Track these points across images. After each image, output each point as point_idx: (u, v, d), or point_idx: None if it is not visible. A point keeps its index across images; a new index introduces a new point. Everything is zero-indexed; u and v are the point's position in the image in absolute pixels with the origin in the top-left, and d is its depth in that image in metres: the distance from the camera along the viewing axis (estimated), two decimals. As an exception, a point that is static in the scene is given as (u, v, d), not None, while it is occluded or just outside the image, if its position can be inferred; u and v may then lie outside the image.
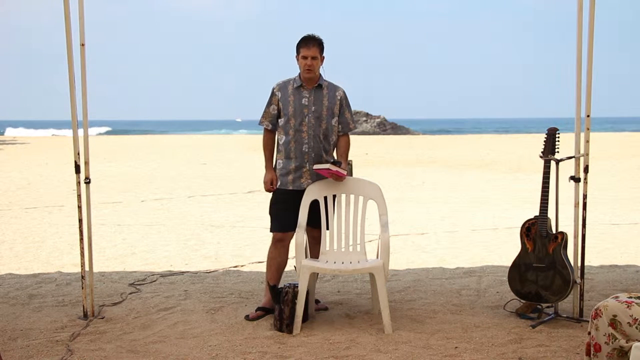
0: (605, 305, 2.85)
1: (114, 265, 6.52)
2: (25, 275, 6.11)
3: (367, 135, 41.40)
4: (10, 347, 4.10)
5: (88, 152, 4.67)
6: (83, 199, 4.66)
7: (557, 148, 4.58)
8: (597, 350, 2.83)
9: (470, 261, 6.64)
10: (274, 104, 4.76)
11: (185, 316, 4.74)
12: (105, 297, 5.23)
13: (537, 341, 4.13)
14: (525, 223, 4.60)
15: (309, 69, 4.64)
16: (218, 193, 12.84)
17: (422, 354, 3.94)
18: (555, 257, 4.49)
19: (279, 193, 4.76)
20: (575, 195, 4.53)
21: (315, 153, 4.71)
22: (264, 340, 4.22)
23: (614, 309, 2.84)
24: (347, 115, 4.83)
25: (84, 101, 4.66)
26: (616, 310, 2.84)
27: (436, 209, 10.60)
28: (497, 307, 4.86)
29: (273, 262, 4.78)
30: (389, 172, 17.24)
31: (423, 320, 4.58)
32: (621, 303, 2.85)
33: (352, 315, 4.75)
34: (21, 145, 33.53)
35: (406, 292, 5.35)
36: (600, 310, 2.85)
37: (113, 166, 19.40)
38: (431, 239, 8.05)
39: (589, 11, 4.35)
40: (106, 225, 9.06)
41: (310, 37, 4.68)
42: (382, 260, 4.48)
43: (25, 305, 5.05)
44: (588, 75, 4.42)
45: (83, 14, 4.55)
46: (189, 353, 4.01)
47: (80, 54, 4.59)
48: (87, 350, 4.04)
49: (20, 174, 17.12)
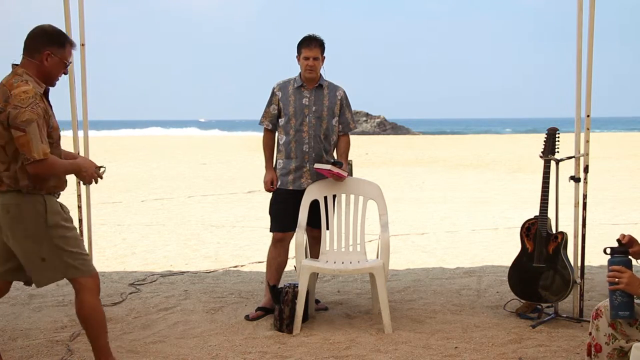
0: (606, 306, 2.85)
1: (114, 265, 6.51)
2: (25, 275, 6.10)
3: (367, 135, 41.40)
4: (10, 347, 4.10)
5: (88, 152, 4.67)
6: (83, 199, 4.66)
7: (557, 148, 4.57)
8: (598, 350, 2.83)
9: (470, 261, 6.64)
10: (274, 104, 4.77)
11: (185, 316, 4.74)
12: (105, 297, 5.23)
13: (537, 341, 4.13)
14: (525, 223, 4.60)
15: (310, 69, 4.64)
16: (218, 193, 12.84)
17: (422, 354, 3.94)
18: (555, 257, 4.49)
19: (279, 193, 4.76)
20: (575, 195, 4.53)
21: (316, 153, 4.71)
22: (264, 340, 4.22)
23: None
24: (347, 115, 4.83)
25: (84, 101, 4.66)
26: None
27: (436, 209, 10.61)
28: (497, 307, 4.86)
29: (273, 262, 4.78)
30: (389, 172, 17.24)
31: (423, 320, 4.58)
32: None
33: (352, 315, 4.75)
34: (21, 145, 33.49)
35: (406, 292, 5.35)
36: (601, 311, 2.85)
37: (113, 166, 19.39)
38: (431, 239, 8.06)
39: (589, 11, 4.35)
40: (106, 225, 9.06)
41: (311, 37, 4.68)
42: (382, 260, 4.48)
43: (25, 305, 5.05)
44: (588, 75, 4.42)
45: (83, 14, 4.55)
46: (189, 353, 4.01)
47: (80, 54, 4.59)
48: (87, 350, 4.03)
49: (20, 174, 17.10)
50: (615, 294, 2.73)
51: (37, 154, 3.17)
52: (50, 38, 3.36)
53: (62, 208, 3.45)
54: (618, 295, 2.72)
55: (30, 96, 3.19)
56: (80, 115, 4.65)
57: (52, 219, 3.35)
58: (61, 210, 3.43)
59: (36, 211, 3.31)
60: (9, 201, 3.30)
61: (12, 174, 3.28)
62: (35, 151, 3.17)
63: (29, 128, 3.16)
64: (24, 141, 3.16)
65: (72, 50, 3.46)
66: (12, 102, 3.18)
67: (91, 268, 3.50)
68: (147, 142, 34.96)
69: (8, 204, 3.31)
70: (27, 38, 3.37)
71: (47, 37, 3.36)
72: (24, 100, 3.17)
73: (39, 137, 3.18)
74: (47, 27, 3.40)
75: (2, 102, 3.22)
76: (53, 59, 3.35)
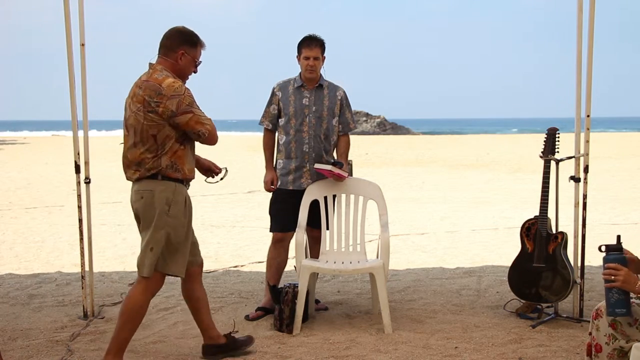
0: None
1: (114, 265, 6.52)
2: (25, 275, 6.11)
3: (367, 135, 41.40)
4: (10, 347, 4.09)
5: (88, 152, 4.67)
6: (83, 199, 4.66)
7: (557, 148, 4.57)
8: (598, 350, 2.83)
9: (470, 261, 6.64)
10: (274, 104, 4.76)
11: (185, 316, 4.74)
12: (105, 297, 5.23)
13: (537, 341, 4.13)
14: (525, 223, 4.60)
15: (311, 69, 4.64)
16: (218, 193, 12.82)
17: (422, 354, 3.94)
18: (555, 257, 4.49)
19: (279, 193, 4.76)
20: (575, 195, 4.53)
21: (316, 153, 4.71)
22: (264, 340, 4.21)
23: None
24: (347, 115, 4.83)
25: (84, 101, 4.66)
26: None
27: (436, 209, 10.61)
28: (497, 307, 4.86)
29: (273, 262, 4.78)
30: (389, 172, 17.25)
31: (423, 320, 4.57)
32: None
33: (352, 315, 4.75)
34: (21, 145, 33.54)
35: (406, 292, 5.35)
36: (601, 311, 2.85)
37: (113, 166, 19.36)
38: (431, 239, 8.06)
39: (589, 11, 4.35)
40: (106, 225, 9.06)
41: (312, 37, 4.68)
42: (382, 260, 4.48)
43: (25, 305, 5.05)
44: (588, 75, 4.42)
45: (83, 14, 4.55)
46: (189, 353, 4.01)
47: (80, 54, 4.59)
48: (87, 350, 4.04)
49: (20, 174, 17.14)
50: (611, 291, 2.72)
51: (209, 126, 3.56)
52: (184, 38, 3.65)
53: (186, 204, 3.65)
54: (614, 293, 2.72)
55: (179, 85, 3.53)
56: (80, 115, 4.65)
57: (175, 209, 3.57)
58: (184, 207, 3.63)
59: (165, 197, 3.54)
60: (144, 187, 3.56)
61: (158, 158, 3.53)
62: (207, 124, 3.56)
63: (193, 108, 3.52)
64: (195, 120, 3.52)
65: (202, 51, 3.73)
66: (167, 93, 3.47)
67: (182, 271, 3.66)
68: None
69: (142, 190, 3.57)
70: (163, 38, 3.65)
71: (182, 37, 3.65)
72: (178, 89, 3.49)
73: (201, 113, 3.56)
74: (182, 28, 3.69)
75: (155, 96, 3.47)
76: (186, 57, 3.64)
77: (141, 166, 3.55)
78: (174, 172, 3.57)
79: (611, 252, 2.79)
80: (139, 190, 3.58)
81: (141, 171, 3.55)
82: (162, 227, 3.53)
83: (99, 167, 17.72)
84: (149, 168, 3.53)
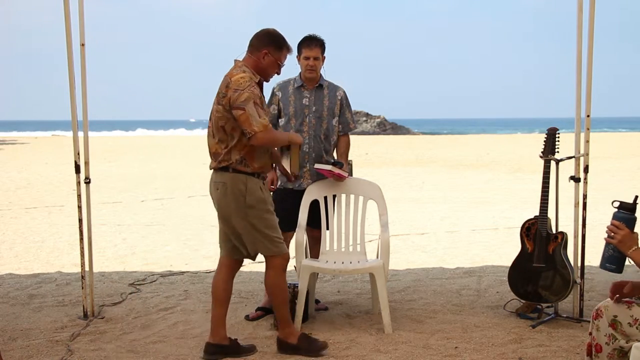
0: (606, 306, 2.86)
1: (114, 265, 6.51)
2: (25, 275, 6.11)
3: (367, 135, 41.40)
4: (10, 347, 4.09)
5: (88, 152, 4.67)
6: (83, 199, 4.66)
7: (557, 148, 4.57)
8: (598, 350, 2.83)
9: (470, 261, 6.64)
10: (274, 104, 4.76)
11: (185, 316, 4.74)
12: (105, 297, 5.23)
13: (537, 341, 4.13)
14: (525, 223, 4.60)
15: (311, 70, 4.64)
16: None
17: (422, 354, 3.94)
18: (555, 257, 4.49)
19: (279, 193, 4.76)
20: (575, 195, 4.53)
21: (316, 153, 4.71)
22: (264, 340, 4.21)
23: (614, 309, 2.85)
24: (347, 115, 4.83)
25: (84, 101, 4.65)
26: (616, 311, 2.84)
27: (436, 209, 10.61)
28: (497, 307, 4.86)
29: (273, 262, 4.77)
30: (389, 172, 17.24)
31: (423, 320, 4.57)
32: (621, 303, 2.85)
33: (352, 315, 4.75)
34: (21, 145, 33.54)
35: (406, 292, 5.35)
36: (601, 311, 2.85)
37: (113, 166, 19.41)
38: (431, 239, 8.05)
39: (589, 11, 4.35)
40: (106, 225, 9.06)
41: (312, 37, 4.67)
42: (382, 260, 4.48)
43: (25, 305, 5.05)
44: (588, 75, 4.41)
45: (83, 14, 4.55)
46: (189, 353, 4.01)
47: (80, 54, 4.59)
48: (87, 350, 4.04)
49: (20, 174, 17.13)
50: (608, 246, 2.80)
51: (257, 127, 3.64)
52: (271, 40, 3.85)
53: (262, 191, 3.86)
54: (610, 249, 2.79)
55: (246, 80, 3.69)
56: (80, 115, 4.64)
57: (251, 199, 3.79)
58: (261, 193, 3.85)
59: (238, 189, 3.77)
60: (219, 179, 3.83)
61: (229, 151, 3.76)
62: (255, 125, 3.64)
63: (247, 106, 3.64)
64: (244, 118, 3.65)
65: (288, 55, 3.93)
66: (232, 86, 3.68)
67: (282, 249, 3.96)
68: (148, 142, 34.97)
69: (218, 181, 3.84)
70: (253, 37, 3.87)
71: (269, 39, 3.86)
72: (242, 84, 3.67)
73: (256, 113, 3.66)
74: (271, 30, 3.90)
75: (224, 88, 3.72)
76: (269, 58, 3.84)
77: (216, 158, 3.83)
78: (244, 167, 3.78)
79: (621, 210, 2.79)
80: (215, 181, 3.86)
81: (216, 162, 3.83)
82: (243, 217, 3.80)
83: (99, 167, 17.75)
84: (221, 160, 3.80)
